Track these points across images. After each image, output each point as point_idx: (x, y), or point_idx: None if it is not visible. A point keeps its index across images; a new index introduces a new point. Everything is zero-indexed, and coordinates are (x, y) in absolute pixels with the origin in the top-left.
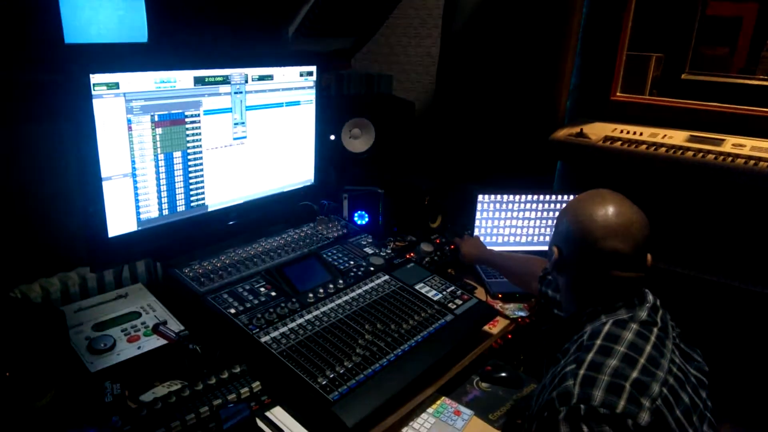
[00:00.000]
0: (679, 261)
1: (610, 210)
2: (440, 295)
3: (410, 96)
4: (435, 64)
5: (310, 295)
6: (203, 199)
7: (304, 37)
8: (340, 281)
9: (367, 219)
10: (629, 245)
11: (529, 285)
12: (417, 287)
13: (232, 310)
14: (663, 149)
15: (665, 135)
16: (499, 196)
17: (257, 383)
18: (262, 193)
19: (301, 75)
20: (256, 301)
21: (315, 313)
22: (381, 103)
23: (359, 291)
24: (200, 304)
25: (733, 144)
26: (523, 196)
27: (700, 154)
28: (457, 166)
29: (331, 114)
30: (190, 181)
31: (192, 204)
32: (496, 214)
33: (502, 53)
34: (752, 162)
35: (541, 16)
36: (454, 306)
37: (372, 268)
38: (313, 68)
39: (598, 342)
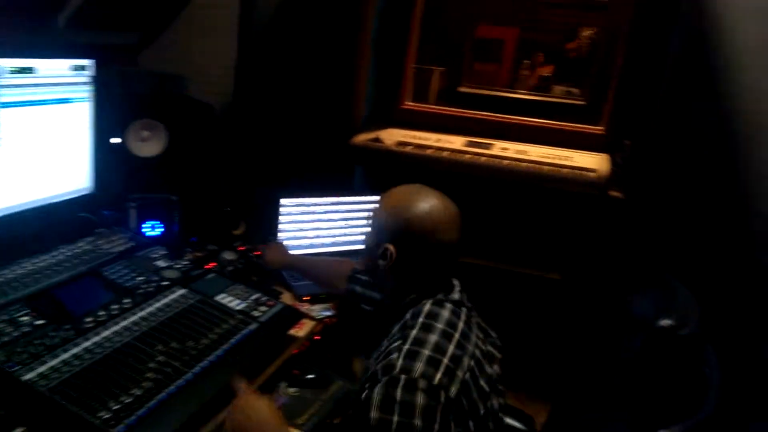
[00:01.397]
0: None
1: (438, 204)
2: (243, 304)
3: (209, 98)
4: (233, 66)
5: (89, 319)
6: None
7: (79, 28)
8: (127, 300)
9: (160, 229)
10: (456, 235)
11: (336, 285)
12: (218, 298)
13: None
14: (446, 153)
15: (447, 140)
16: (301, 200)
17: (22, 429)
18: (21, 205)
19: (73, 69)
20: (16, 333)
21: (95, 339)
22: (174, 104)
23: (150, 309)
24: None
25: (501, 148)
26: (326, 199)
27: (475, 157)
28: (260, 170)
29: (115, 114)
30: None
31: None
32: (300, 218)
33: (301, 60)
34: (515, 163)
35: (336, 28)
36: (259, 314)
37: (165, 283)
38: (88, 62)
39: (420, 320)
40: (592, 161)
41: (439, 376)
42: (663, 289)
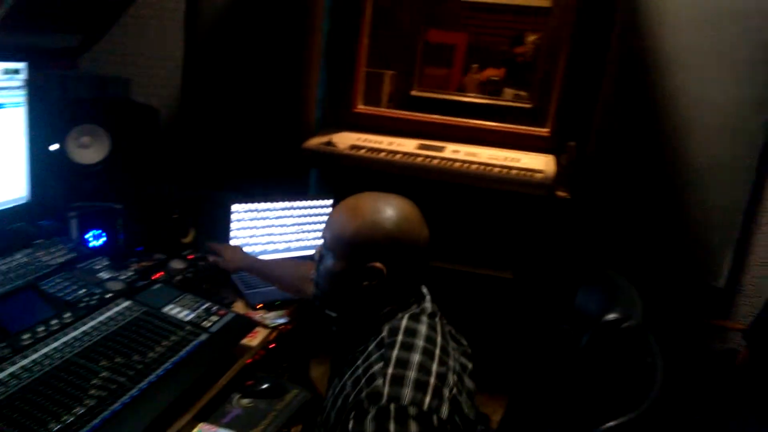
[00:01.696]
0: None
1: (404, 205)
2: (193, 315)
3: (154, 101)
4: (180, 68)
5: (26, 335)
6: None
7: (13, 31)
8: (67, 314)
9: (104, 239)
10: (428, 231)
11: (300, 288)
12: (165, 310)
13: None
14: (399, 156)
15: (400, 143)
16: (254, 205)
17: None
18: None
19: (5, 72)
20: None
21: (33, 356)
22: (116, 108)
23: (92, 323)
24: None
25: (452, 150)
26: (279, 203)
27: (427, 159)
28: (209, 176)
29: (53, 120)
30: None
31: None
32: (252, 224)
33: (250, 63)
34: (466, 165)
35: (285, 30)
36: (209, 324)
37: (109, 295)
38: (21, 65)
39: (399, 338)
40: (539, 162)
41: (428, 400)
42: (607, 284)
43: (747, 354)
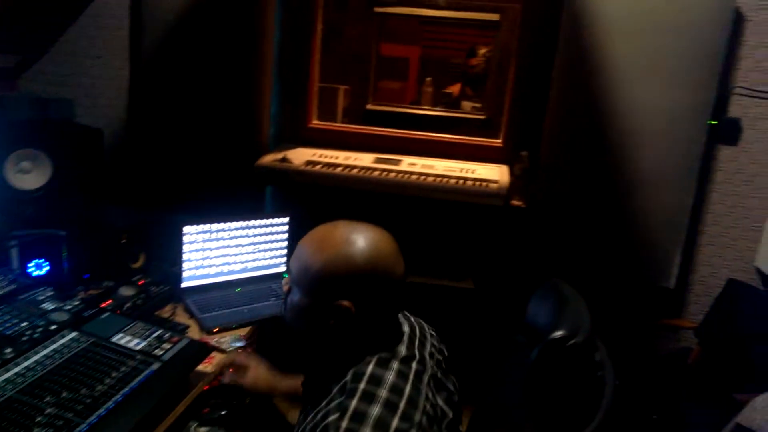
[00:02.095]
0: None
1: (377, 236)
2: (144, 343)
3: (100, 123)
4: (126, 88)
5: None
6: None
7: None
8: (8, 350)
9: (47, 268)
10: (403, 263)
11: None
12: (115, 339)
13: None
14: (355, 170)
15: (356, 158)
16: (207, 226)
17: None
18: None
19: None
20: None
21: None
22: (58, 130)
23: (36, 357)
24: None
25: (409, 163)
26: (234, 223)
27: (384, 173)
28: (160, 198)
29: None
30: None
31: None
32: (206, 245)
33: (199, 81)
34: (422, 177)
35: (235, 47)
36: (162, 351)
37: (54, 327)
38: None
39: (362, 386)
40: (493, 173)
41: None
42: (554, 296)
43: (699, 351)
